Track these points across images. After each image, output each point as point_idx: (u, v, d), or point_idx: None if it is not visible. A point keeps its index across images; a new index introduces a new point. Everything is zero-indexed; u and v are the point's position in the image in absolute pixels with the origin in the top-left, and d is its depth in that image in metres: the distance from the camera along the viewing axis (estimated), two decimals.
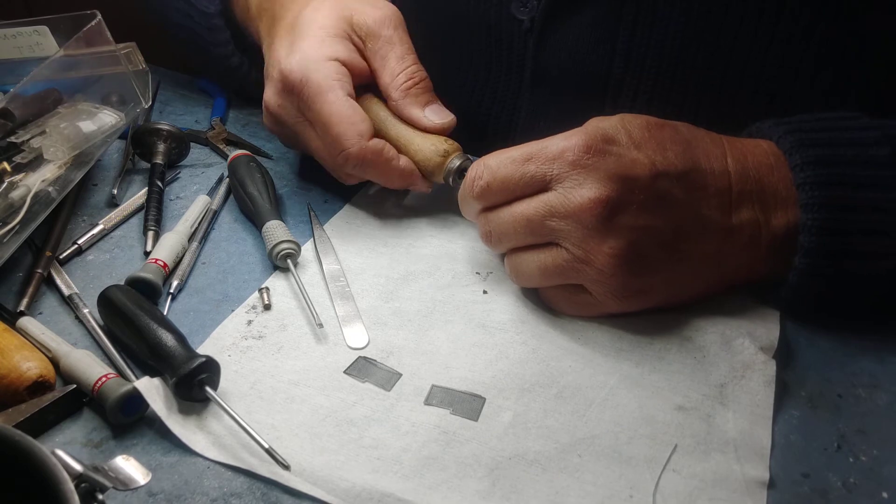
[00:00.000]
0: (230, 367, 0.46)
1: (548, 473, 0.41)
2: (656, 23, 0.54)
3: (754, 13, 0.52)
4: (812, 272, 0.47)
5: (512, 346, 0.48)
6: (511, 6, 0.58)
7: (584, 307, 0.50)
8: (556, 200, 0.46)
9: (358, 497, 0.39)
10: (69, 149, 0.57)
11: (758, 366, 0.47)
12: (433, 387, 0.46)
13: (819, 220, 0.46)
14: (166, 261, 0.53)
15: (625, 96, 0.57)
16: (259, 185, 0.59)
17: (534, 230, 0.47)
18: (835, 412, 0.46)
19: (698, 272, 0.49)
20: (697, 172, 0.47)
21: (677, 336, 0.49)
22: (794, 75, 0.54)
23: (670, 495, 0.40)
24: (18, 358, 0.44)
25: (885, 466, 0.43)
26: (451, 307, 0.51)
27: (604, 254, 0.45)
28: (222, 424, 0.43)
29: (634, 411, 0.44)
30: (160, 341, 0.45)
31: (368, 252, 0.56)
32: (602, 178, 0.45)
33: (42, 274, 0.53)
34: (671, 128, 0.48)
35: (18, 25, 0.64)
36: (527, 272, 0.49)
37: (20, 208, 0.52)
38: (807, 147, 0.47)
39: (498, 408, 0.44)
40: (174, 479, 0.40)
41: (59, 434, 0.43)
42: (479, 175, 0.49)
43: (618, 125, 0.47)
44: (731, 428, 0.44)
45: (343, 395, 0.45)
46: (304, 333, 0.49)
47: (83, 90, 0.61)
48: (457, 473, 0.41)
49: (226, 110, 0.73)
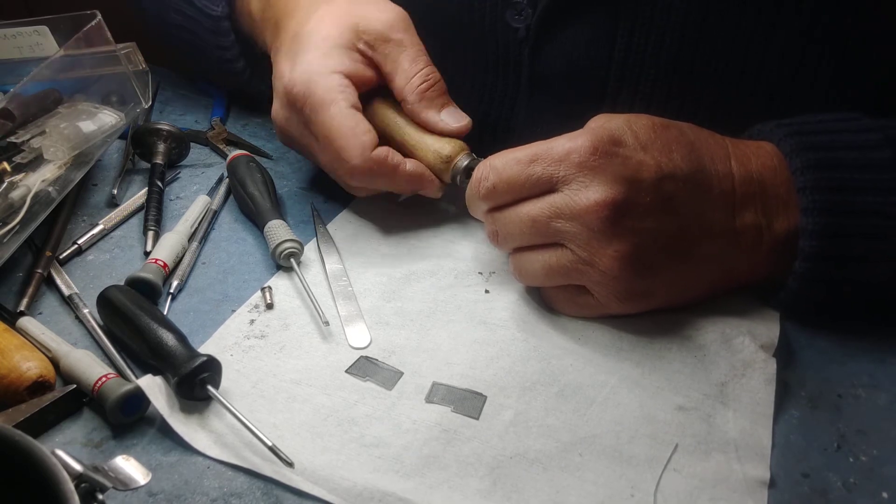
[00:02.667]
0: (232, 367, 0.46)
1: (549, 472, 0.41)
2: (653, 28, 0.54)
3: (752, 15, 0.52)
4: (812, 277, 0.47)
5: (513, 344, 0.48)
6: (506, 14, 0.58)
7: (585, 308, 0.50)
8: (562, 202, 0.46)
9: (359, 496, 0.39)
10: (69, 149, 0.57)
11: (758, 364, 0.47)
12: (434, 384, 0.46)
13: (819, 224, 0.46)
14: (166, 261, 0.53)
15: (622, 102, 0.57)
16: (259, 185, 0.59)
17: (539, 231, 0.47)
18: (835, 412, 0.46)
19: (701, 275, 0.49)
20: (702, 174, 0.47)
21: (677, 335, 0.49)
22: (792, 76, 0.54)
23: (671, 495, 0.40)
24: (18, 358, 0.44)
25: (885, 466, 0.43)
26: (454, 307, 0.51)
27: (608, 256, 0.45)
28: (224, 423, 0.43)
29: (635, 410, 0.44)
30: (161, 341, 0.45)
31: (371, 251, 0.56)
32: (608, 181, 0.45)
33: (42, 274, 0.53)
34: (676, 129, 0.48)
35: (18, 25, 0.64)
36: (531, 272, 0.49)
37: (20, 208, 0.52)
38: (807, 150, 0.47)
39: (499, 406, 0.44)
40: (174, 479, 0.40)
41: (59, 434, 0.43)
42: (484, 176, 0.49)
43: (624, 126, 0.47)
44: (731, 427, 0.44)
45: (345, 394, 0.45)
46: (306, 333, 0.49)
47: (83, 90, 0.61)
48: (458, 472, 0.41)
49: (226, 110, 0.73)
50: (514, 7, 0.57)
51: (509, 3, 0.58)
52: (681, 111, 0.55)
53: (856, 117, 0.49)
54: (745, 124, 0.53)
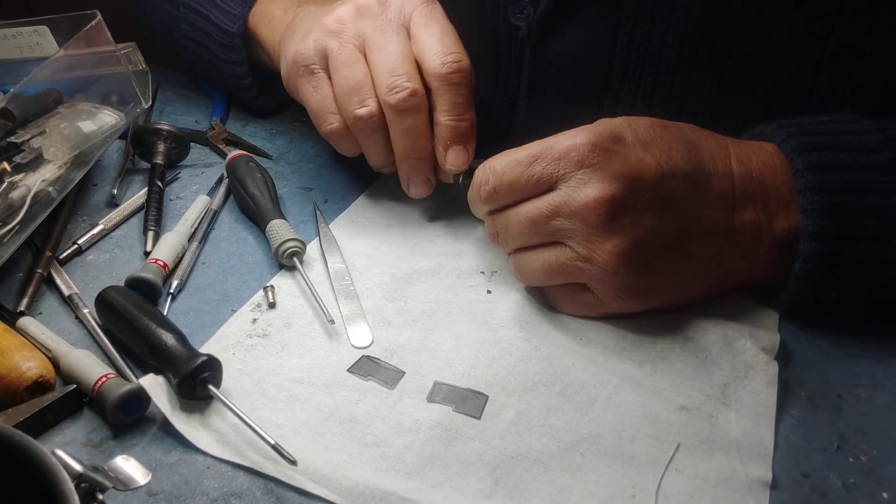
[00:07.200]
0: (234, 366, 0.46)
1: (550, 472, 0.41)
2: (655, 28, 0.54)
3: (754, 15, 0.52)
4: (812, 278, 0.47)
5: (515, 344, 0.48)
6: (508, 12, 0.58)
7: (586, 307, 0.50)
8: (561, 199, 0.46)
9: (361, 496, 0.39)
10: (69, 149, 0.56)
11: (760, 366, 0.47)
12: (436, 383, 0.46)
13: (819, 225, 0.46)
14: (166, 261, 0.53)
15: (623, 101, 0.57)
16: (260, 185, 0.59)
17: (539, 230, 0.47)
18: (835, 412, 0.46)
19: (701, 273, 0.49)
20: (701, 173, 0.47)
21: (679, 336, 0.49)
22: (794, 76, 0.54)
23: (673, 495, 0.40)
24: (18, 358, 0.44)
25: (885, 466, 0.43)
26: (456, 307, 0.51)
27: (607, 252, 0.45)
28: (226, 422, 0.43)
29: (637, 410, 0.44)
30: (161, 341, 0.45)
31: (373, 251, 0.56)
32: (607, 177, 0.45)
33: (42, 274, 0.53)
34: (676, 128, 0.48)
35: (18, 25, 0.64)
36: (531, 271, 0.49)
37: (20, 208, 0.52)
38: (808, 152, 0.47)
39: (501, 405, 0.44)
40: (174, 479, 0.40)
41: (59, 434, 0.43)
42: (485, 180, 0.49)
43: (624, 124, 0.47)
44: (733, 428, 0.44)
45: (346, 393, 0.45)
46: (308, 332, 0.49)
47: (83, 90, 0.61)
48: (459, 472, 0.41)
49: (226, 110, 0.73)
50: (516, 5, 0.58)
51: (511, 1, 0.58)
52: (682, 110, 0.55)
53: (857, 118, 0.50)
54: (746, 123, 0.53)
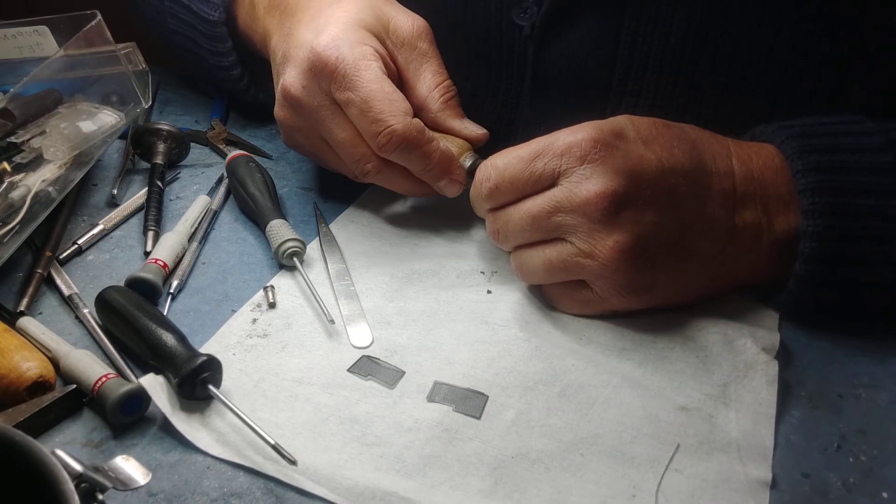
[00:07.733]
0: (234, 366, 0.46)
1: (550, 472, 0.41)
2: (658, 28, 0.54)
3: (756, 16, 0.52)
4: (812, 279, 0.47)
5: (515, 344, 0.48)
6: (511, 12, 0.58)
7: (586, 304, 0.50)
8: (563, 195, 0.46)
9: (361, 496, 0.39)
10: (69, 149, 0.56)
11: (760, 366, 0.47)
12: (436, 383, 0.46)
13: (819, 226, 0.46)
14: (166, 261, 0.53)
15: (626, 102, 0.57)
16: (260, 185, 0.59)
17: (539, 227, 0.47)
18: (835, 412, 0.46)
19: (701, 271, 0.49)
20: (703, 171, 0.47)
21: (679, 336, 0.49)
22: (796, 77, 0.54)
23: (673, 495, 0.40)
24: (18, 358, 0.44)
25: (885, 466, 0.43)
26: (456, 307, 0.51)
27: (608, 247, 0.45)
28: (226, 422, 0.43)
29: (637, 410, 0.44)
30: (161, 341, 0.45)
31: (373, 251, 0.56)
32: (609, 173, 0.45)
33: (42, 274, 0.53)
34: (678, 128, 0.48)
35: (18, 25, 0.64)
36: (532, 268, 0.49)
37: (20, 208, 0.52)
38: (808, 153, 0.48)
39: (501, 405, 0.44)
40: (174, 479, 0.40)
41: (59, 434, 0.43)
42: (487, 177, 0.49)
43: (626, 121, 0.47)
44: (733, 428, 0.44)
45: (346, 393, 0.45)
46: (308, 332, 0.49)
47: (83, 90, 0.61)
48: (459, 472, 0.41)
49: (226, 110, 0.73)
50: (519, 5, 0.58)
51: (515, 1, 0.58)
52: (684, 111, 0.55)
53: (858, 120, 0.50)
54: (748, 124, 0.53)
